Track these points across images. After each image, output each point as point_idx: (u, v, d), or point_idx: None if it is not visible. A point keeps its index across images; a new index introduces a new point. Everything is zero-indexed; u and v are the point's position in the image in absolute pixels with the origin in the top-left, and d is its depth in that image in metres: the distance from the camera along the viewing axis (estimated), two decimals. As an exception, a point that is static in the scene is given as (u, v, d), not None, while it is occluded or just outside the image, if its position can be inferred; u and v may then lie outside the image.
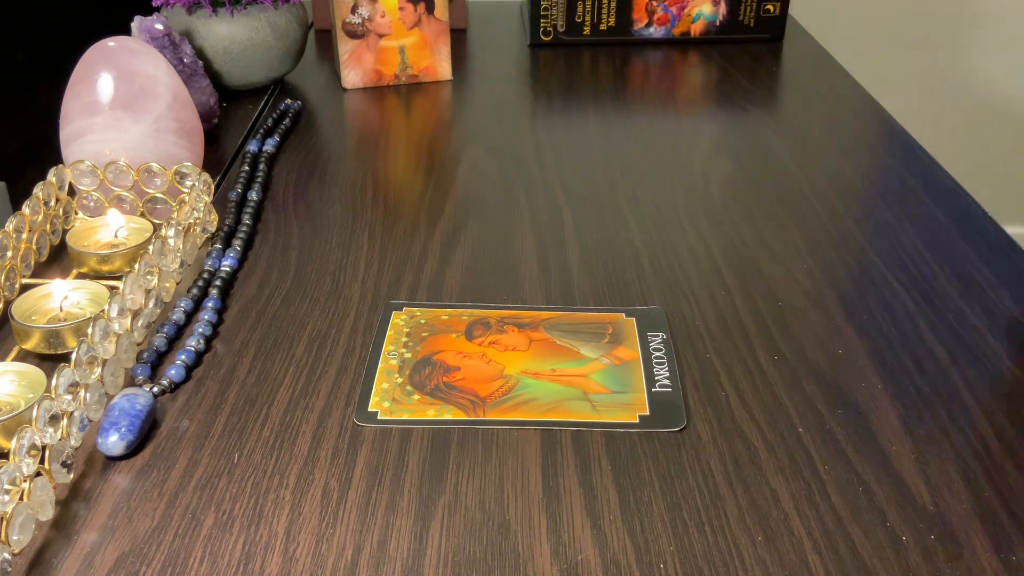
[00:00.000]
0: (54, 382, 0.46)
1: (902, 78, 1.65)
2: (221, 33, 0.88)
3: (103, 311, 0.51)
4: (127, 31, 0.80)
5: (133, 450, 0.47)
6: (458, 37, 1.13)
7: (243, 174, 0.74)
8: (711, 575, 0.40)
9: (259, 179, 0.74)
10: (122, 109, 0.66)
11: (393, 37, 0.95)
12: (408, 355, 0.54)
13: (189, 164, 0.66)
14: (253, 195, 0.71)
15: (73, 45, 0.70)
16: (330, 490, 0.45)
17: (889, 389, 0.51)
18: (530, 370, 0.53)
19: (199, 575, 0.40)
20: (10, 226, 0.58)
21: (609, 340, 0.55)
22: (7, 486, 0.41)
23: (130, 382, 0.52)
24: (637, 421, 0.49)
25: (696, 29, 1.09)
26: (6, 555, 0.39)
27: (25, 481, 0.41)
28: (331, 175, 0.77)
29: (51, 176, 0.64)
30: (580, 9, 1.07)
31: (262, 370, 0.53)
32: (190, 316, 0.58)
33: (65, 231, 0.65)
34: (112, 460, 0.47)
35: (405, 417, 0.49)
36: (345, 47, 0.95)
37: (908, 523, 0.42)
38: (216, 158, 0.79)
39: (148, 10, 0.85)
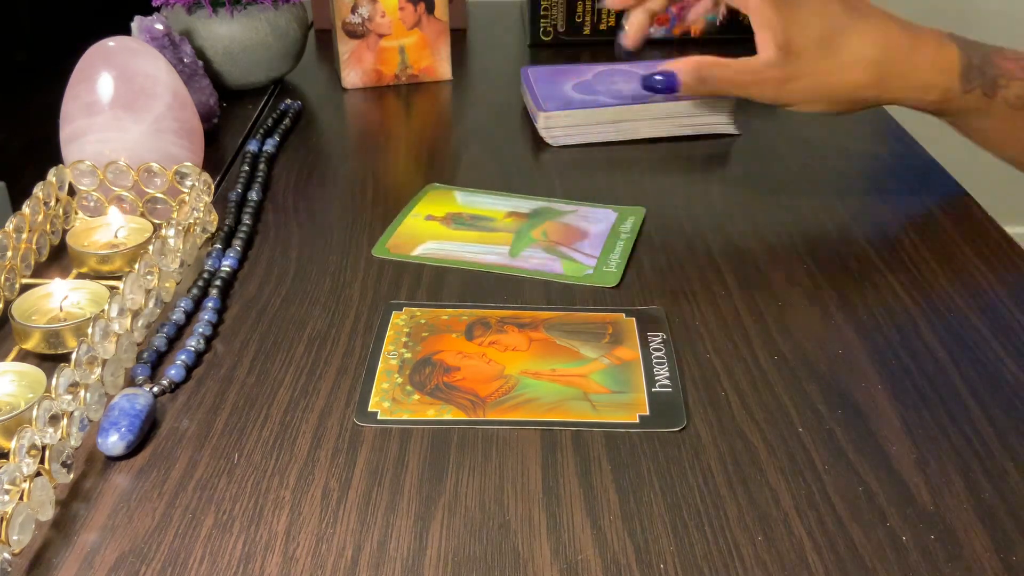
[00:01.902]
0: (54, 382, 0.46)
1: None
2: (221, 33, 0.88)
3: (103, 311, 0.51)
4: (127, 31, 0.80)
5: (133, 450, 0.47)
6: (458, 37, 1.12)
7: (243, 174, 0.74)
8: (711, 575, 0.40)
9: (259, 179, 0.74)
10: (122, 109, 0.66)
11: (393, 37, 0.95)
12: (408, 355, 0.54)
13: (189, 164, 0.66)
14: (253, 195, 0.71)
15: (73, 45, 0.70)
16: (330, 490, 0.45)
17: (889, 389, 0.51)
18: (530, 370, 0.53)
19: (199, 575, 0.40)
20: (10, 226, 0.58)
21: (609, 340, 0.55)
22: (7, 486, 0.41)
23: (130, 382, 0.52)
24: (637, 421, 0.49)
25: (696, 29, 1.09)
26: (6, 555, 0.39)
27: (25, 481, 0.41)
28: (331, 175, 0.77)
29: (51, 176, 0.64)
30: (580, 9, 1.07)
31: (262, 370, 0.53)
32: (190, 316, 0.58)
33: (65, 231, 0.65)
34: (112, 460, 0.47)
35: (405, 417, 0.49)
36: (345, 47, 0.95)
37: (908, 523, 0.42)
38: (216, 158, 0.79)
39: (148, 10, 0.85)
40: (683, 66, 0.72)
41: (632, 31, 0.75)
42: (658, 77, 0.73)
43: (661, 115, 0.82)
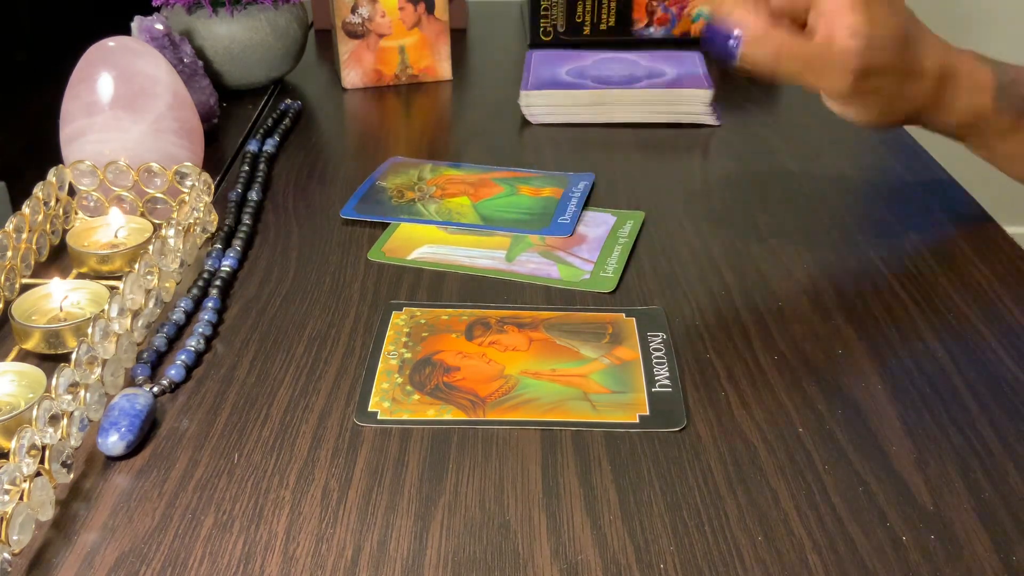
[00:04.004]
0: (54, 382, 0.46)
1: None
2: (221, 33, 0.88)
3: (103, 311, 0.51)
4: (127, 31, 0.80)
5: (133, 450, 0.47)
6: (458, 37, 1.12)
7: (243, 174, 0.74)
8: (711, 575, 0.40)
9: (259, 179, 0.74)
10: (122, 109, 0.66)
11: (393, 37, 0.95)
12: (408, 355, 0.54)
13: (189, 164, 0.66)
14: (253, 195, 0.71)
15: (73, 45, 0.70)
16: (330, 490, 0.45)
17: (889, 389, 0.51)
18: (530, 370, 0.53)
19: (199, 575, 0.40)
20: (10, 226, 0.58)
21: (609, 340, 0.55)
22: (7, 486, 0.41)
23: (130, 382, 0.52)
24: (637, 421, 0.49)
25: (696, 29, 1.09)
26: (6, 555, 0.39)
27: (25, 481, 0.41)
28: (331, 175, 0.77)
29: (51, 176, 0.64)
30: (580, 9, 1.07)
31: (262, 370, 0.53)
32: (190, 316, 0.58)
33: (65, 231, 0.65)
34: (112, 460, 0.47)
35: (405, 417, 0.49)
36: (345, 47, 0.95)
37: (908, 523, 0.42)
38: (216, 158, 0.79)
39: (148, 10, 0.85)
40: (752, 34, 0.58)
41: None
42: (715, 37, 0.59)
43: (638, 101, 0.83)
